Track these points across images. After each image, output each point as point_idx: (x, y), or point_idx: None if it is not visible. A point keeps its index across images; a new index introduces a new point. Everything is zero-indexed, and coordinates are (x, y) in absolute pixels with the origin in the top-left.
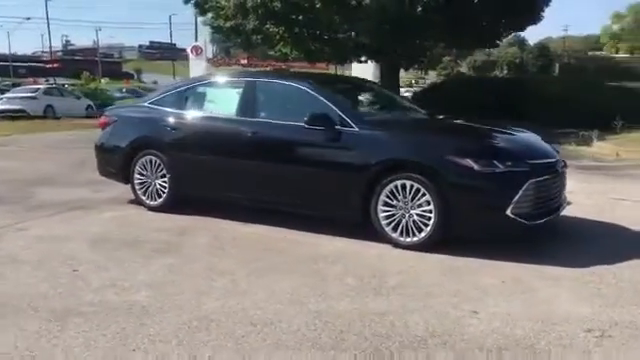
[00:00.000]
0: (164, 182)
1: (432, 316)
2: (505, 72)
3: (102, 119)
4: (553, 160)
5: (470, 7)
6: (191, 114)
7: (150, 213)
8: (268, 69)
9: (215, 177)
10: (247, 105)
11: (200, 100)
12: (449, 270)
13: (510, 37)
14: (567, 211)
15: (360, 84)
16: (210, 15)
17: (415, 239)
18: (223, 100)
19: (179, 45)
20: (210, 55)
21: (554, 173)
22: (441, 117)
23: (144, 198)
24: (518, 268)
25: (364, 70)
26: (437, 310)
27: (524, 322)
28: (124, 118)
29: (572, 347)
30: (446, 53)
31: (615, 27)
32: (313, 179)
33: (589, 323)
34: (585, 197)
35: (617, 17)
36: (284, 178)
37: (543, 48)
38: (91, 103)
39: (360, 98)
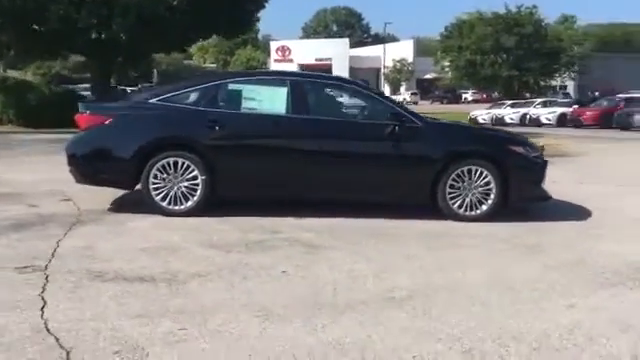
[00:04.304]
0: (194, 185)
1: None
2: None
3: (85, 117)
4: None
5: (204, 16)
6: (235, 112)
7: (184, 219)
8: None
9: (278, 176)
10: (300, 104)
11: (238, 98)
12: (546, 232)
13: None
14: None
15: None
16: None
17: (478, 212)
18: (266, 98)
19: None
20: None
21: None
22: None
23: (164, 204)
24: (576, 225)
25: None
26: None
27: None
28: (125, 117)
29: None
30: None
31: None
32: (387, 170)
33: None
34: None
35: None
36: (357, 171)
37: None
38: None
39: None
